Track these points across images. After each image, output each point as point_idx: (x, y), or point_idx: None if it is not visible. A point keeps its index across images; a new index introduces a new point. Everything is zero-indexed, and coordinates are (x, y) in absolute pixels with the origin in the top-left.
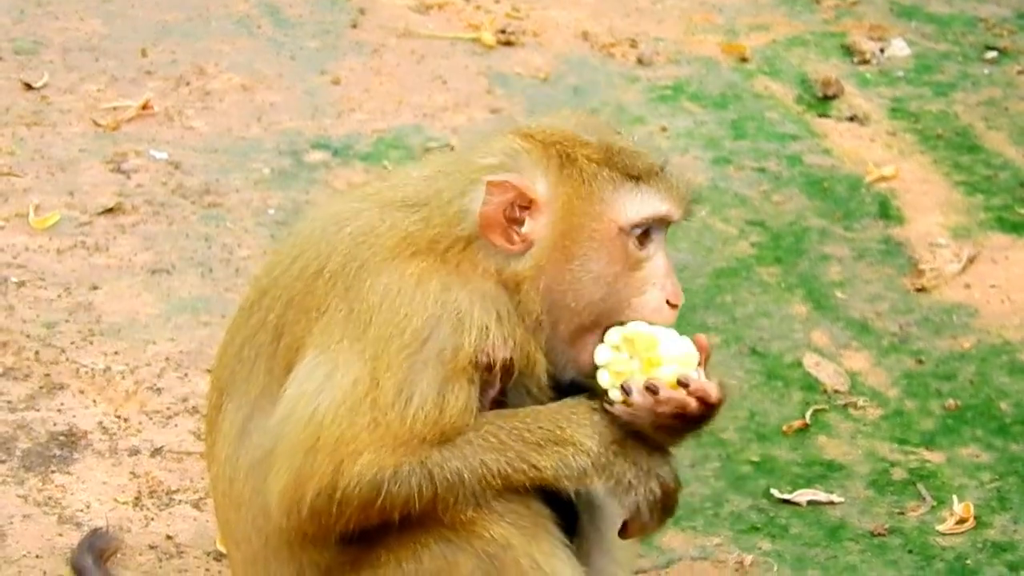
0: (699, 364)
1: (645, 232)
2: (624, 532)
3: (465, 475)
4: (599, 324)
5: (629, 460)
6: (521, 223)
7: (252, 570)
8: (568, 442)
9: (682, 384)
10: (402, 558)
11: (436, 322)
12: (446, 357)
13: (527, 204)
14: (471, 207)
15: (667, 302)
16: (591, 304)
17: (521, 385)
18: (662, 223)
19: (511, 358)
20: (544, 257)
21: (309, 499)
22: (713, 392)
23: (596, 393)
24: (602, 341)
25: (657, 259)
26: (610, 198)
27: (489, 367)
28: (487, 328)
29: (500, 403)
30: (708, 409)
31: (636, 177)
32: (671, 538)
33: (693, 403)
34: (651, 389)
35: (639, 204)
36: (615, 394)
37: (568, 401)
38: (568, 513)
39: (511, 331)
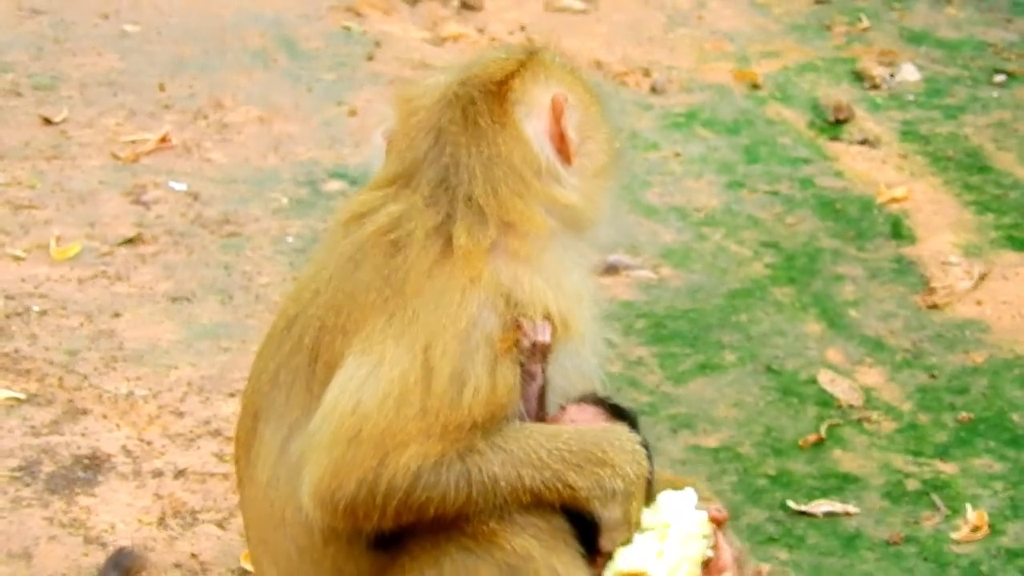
0: (718, 529)
1: None
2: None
3: (501, 483)
4: None
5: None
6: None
7: None
8: (608, 464)
9: None
10: (424, 566)
11: (487, 305)
12: (495, 337)
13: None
14: (535, 135)
15: None
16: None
17: (561, 369)
18: None
19: (550, 339)
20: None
21: (350, 491)
22: None
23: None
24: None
25: None
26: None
27: (532, 350)
28: (533, 303)
29: (542, 397)
30: None
31: None
32: None
33: None
34: None
35: None
36: None
37: (610, 426)
38: (585, 527)
39: (555, 294)
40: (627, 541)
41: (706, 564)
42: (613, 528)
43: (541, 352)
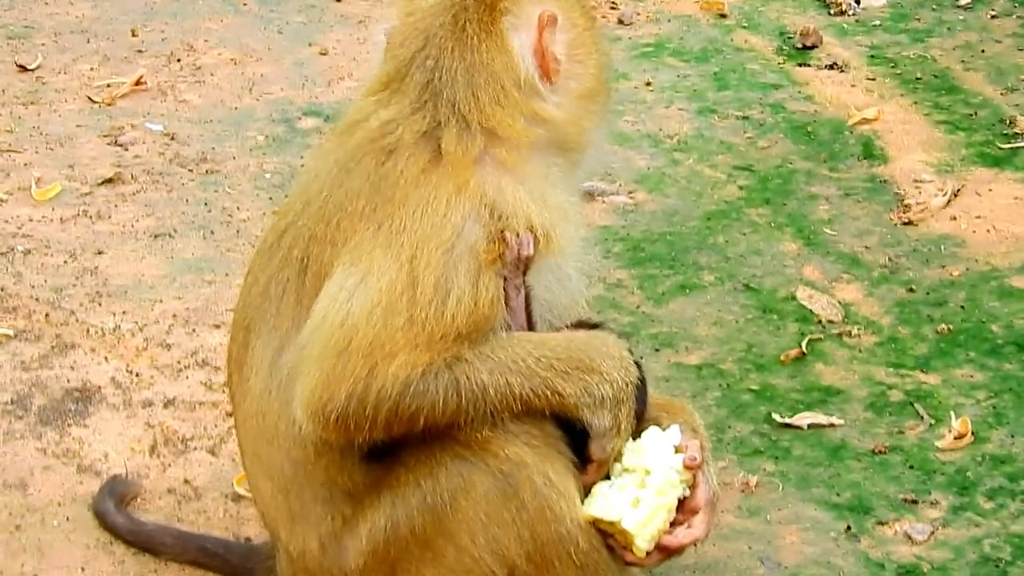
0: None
1: None
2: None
3: (490, 392)
4: None
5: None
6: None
7: (284, 500)
8: (595, 371)
9: (660, 549)
10: (420, 476)
11: (471, 216)
12: (479, 248)
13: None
14: (519, 47)
15: None
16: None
17: (544, 283)
18: None
19: (532, 252)
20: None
21: (341, 402)
22: (694, 535)
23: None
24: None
25: None
26: None
27: (516, 262)
28: (517, 214)
29: (529, 312)
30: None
31: None
32: None
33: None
34: None
35: None
36: None
37: (598, 333)
38: (576, 436)
39: (539, 208)
40: (618, 450)
41: (682, 503)
42: (603, 435)
43: (524, 265)
